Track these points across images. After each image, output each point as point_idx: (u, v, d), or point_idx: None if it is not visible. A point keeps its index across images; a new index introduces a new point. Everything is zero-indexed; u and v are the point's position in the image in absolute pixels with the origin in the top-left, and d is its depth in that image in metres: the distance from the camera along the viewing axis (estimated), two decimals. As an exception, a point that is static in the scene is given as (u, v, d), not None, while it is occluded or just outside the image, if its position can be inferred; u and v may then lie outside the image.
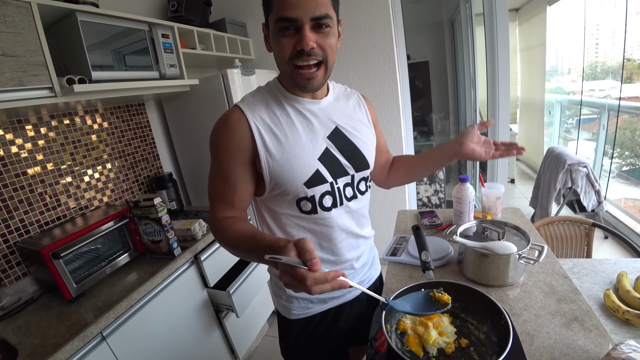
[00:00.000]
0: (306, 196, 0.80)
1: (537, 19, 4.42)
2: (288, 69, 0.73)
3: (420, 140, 4.06)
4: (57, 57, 1.24)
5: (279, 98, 0.81)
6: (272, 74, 2.26)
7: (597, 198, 2.61)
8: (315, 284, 0.52)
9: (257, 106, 0.79)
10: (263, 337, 2.15)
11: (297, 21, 0.67)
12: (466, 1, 3.09)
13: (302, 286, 0.53)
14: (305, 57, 0.70)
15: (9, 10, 1.09)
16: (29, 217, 1.42)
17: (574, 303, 0.83)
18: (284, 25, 0.68)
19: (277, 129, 0.78)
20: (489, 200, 1.27)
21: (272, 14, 0.70)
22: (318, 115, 0.82)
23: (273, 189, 0.80)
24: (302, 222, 0.84)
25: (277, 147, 0.77)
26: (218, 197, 0.81)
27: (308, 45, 0.68)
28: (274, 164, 0.77)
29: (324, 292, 0.54)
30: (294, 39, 0.69)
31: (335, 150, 0.83)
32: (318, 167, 0.80)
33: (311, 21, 0.67)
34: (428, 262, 0.84)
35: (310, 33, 0.68)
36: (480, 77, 3.04)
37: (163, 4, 2.12)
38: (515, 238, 0.97)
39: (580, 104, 3.91)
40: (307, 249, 0.54)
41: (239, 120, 0.76)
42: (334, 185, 0.83)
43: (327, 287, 0.54)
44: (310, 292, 0.52)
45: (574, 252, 1.53)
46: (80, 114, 1.66)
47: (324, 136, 0.82)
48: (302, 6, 0.65)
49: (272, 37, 0.73)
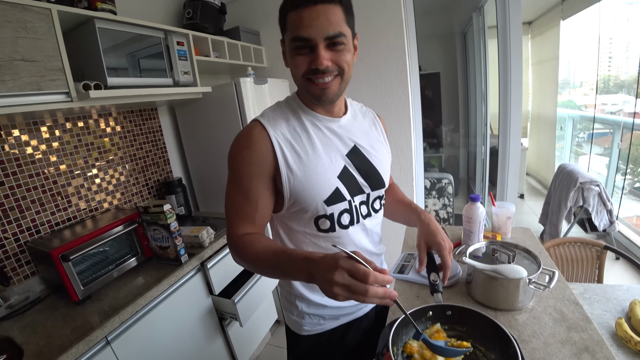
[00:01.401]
0: (325, 214, 0.80)
1: (550, 33, 4.39)
2: (303, 83, 0.75)
3: (429, 152, 4.05)
4: (74, 62, 1.26)
5: (299, 114, 0.82)
6: (284, 83, 2.27)
7: (609, 217, 2.56)
8: (375, 282, 0.53)
9: (277, 121, 0.79)
10: (265, 346, 2.14)
11: (311, 41, 0.68)
12: (479, 13, 3.09)
13: (359, 285, 0.53)
14: (320, 75, 0.71)
15: (30, 17, 1.11)
16: (40, 217, 1.44)
17: (584, 332, 0.81)
18: (299, 45, 0.70)
19: (298, 146, 0.78)
20: (499, 219, 1.25)
21: (287, 33, 0.72)
22: (337, 133, 0.83)
23: (292, 205, 0.80)
24: (319, 240, 0.84)
25: (298, 163, 0.77)
26: (238, 213, 0.79)
27: (322, 64, 0.70)
28: (294, 181, 0.77)
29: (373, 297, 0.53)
30: (309, 57, 0.71)
31: (353, 169, 0.83)
32: (338, 185, 0.80)
33: (325, 40, 0.69)
34: (437, 284, 0.83)
35: (324, 52, 0.69)
36: (491, 89, 3.03)
37: (179, 11, 2.16)
38: (525, 261, 0.95)
39: (594, 120, 3.86)
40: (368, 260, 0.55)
41: (261, 135, 0.76)
42: (352, 203, 0.83)
43: (381, 291, 0.54)
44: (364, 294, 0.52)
45: (585, 275, 1.50)
46: (95, 117, 1.68)
47: (343, 154, 0.82)
48: (315, 26, 0.67)
49: (289, 55, 0.74)
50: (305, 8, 0.67)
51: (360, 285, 0.52)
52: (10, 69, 1.06)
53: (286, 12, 0.71)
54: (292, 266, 0.63)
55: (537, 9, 4.32)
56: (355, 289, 0.53)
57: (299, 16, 0.67)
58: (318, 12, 0.67)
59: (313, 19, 0.67)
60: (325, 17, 0.67)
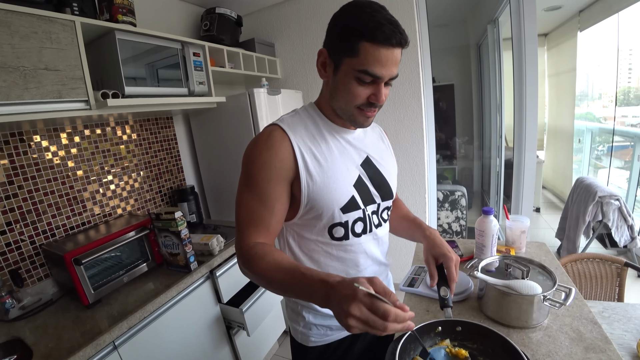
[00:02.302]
0: (340, 222, 0.81)
1: (567, 45, 4.33)
2: (351, 110, 0.76)
3: (442, 164, 4.00)
4: (94, 72, 1.31)
5: (318, 123, 0.82)
6: (298, 94, 2.30)
7: (630, 233, 2.47)
8: (395, 321, 0.51)
9: (297, 127, 0.80)
10: (272, 357, 2.12)
11: (379, 79, 0.70)
12: (494, 26, 3.07)
13: (378, 322, 0.51)
14: (373, 108, 0.76)
15: (55, 28, 1.16)
16: (56, 221, 1.48)
17: (603, 353, 0.77)
18: (365, 77, 0.70)
19: (317, 152, 0.78)
20: (513, 233, 1.22)
21: (354, 60, 0.69)
22: (352, 143, 0.85)
23: (307, 212, 0.79)
24: (331, 249, 0.84)
25: (318, 169, 0.77)
26: (252, 219, 0.75)
27: (383, 101, 0.73)
28: (313, 187, 0.77)
29: (391, 332, 0.52)
30: (369, 90, 0.72)
31: (367, 179, 0.85)
32: (353, 193, 0.81)
33: (388, 79, 0.71)
34: (447, 298, 0.81)
35: (383, 89, 0.72)
36: (506, 101, 2.99)
37: (196, 23, 2.22)
38: (540, 277, 0.92)
39: (613, 132, 3.76)
40: (388, 291, 0.53)
41: (282, 138, 0.76)
42: (365, 212, 0.84)
43: (399, 327, 0.52)
44: (383, 329, 0.51)
45: (604, 293, 1.44)
46: (112, 125, 1.73)
47: (357, 164, 0.84)
48: (388, 67, 0.69)
49: (345, 79, 0.72)
50: (385, 48, 0.67)
51: (379, 323, 0.51)
52: (34, 77, 1.11)
53: (360, 37, 0.67)
54: (307, 287, 0.61)
55: (554, 20, 4.27)
56: (373, 325, 0.51)
57: (377, 52, 0.67)
58: (393, 55, 0.68)
59: (389, 60, 0.68)
60: (396, 59, 0.70)
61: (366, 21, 0.66)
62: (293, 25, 2.45)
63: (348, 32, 0.69)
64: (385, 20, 0.66)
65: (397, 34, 0.66)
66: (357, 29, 0.67)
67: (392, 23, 0.67)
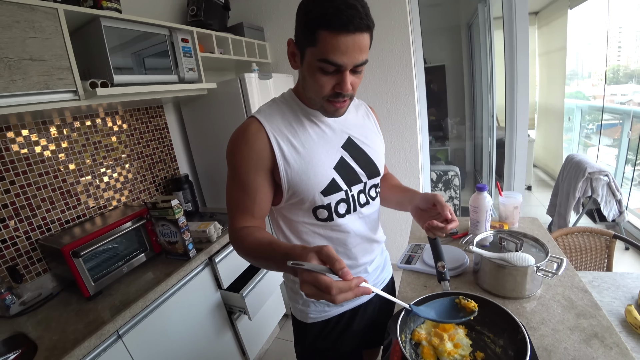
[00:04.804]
0: (322, 204, 0.83)
1: (558, 23, 4.32)
2: (320, 101, 0.76)
3: (435, 145, 4.02)
4: (81, 61, 1.27)
5: (296, 110, 0.83)
6: (289, 77, 2.27)
7: (618, 208, 2.53)
8: (340, 293, 0.52)
9: (274, 117, 0.81)
10: (274, 340, 2.16)
11: (342, 67, 0.68)
12: (484, 4, 3.04)
13: (326, 295, 0.53)
14: (342, 99, 0.74)
15: (38, 16, 1.13)
16: (51, 215, 1.47)
17: (593, 318, 0.81)
18: (326, 66, 0.69)
19: (294, 140, 0.80)
20: (506, 209, 1.25)
21: (315, 50, 0.68)
22: (332, 126, 0.85)
23: (291, 197, 0.82)
24: (318, 229, 0.86)
25: (295, 157, 0.79)
26: (237, 207, 0.82)
27: (348, 90, 0.72)
28: (292, 174, 0.79)
29: (347, 300, 0.54)
30: (334, 79, 0.71)
31: (350, 159, 0.86)
32: (334, 175, 0.82)
33: (352, 66, 0.69)
34: (444, 272, 0.83)
35: (349, 77, 0.70)
36: (498, 81, 2.99)
37: (182, 8, 2.16)
38: (533, 250, 0.95)
39: (602, 110, 3.80)
40: (335, 258, 0.54)
41: (258, 131, 0.78)
42: (349, 193, 0.85)
43: (350, 295, 0.54)
44: (334, 302, 0.53)
45: (594, 264, 1.49)
46: (102, 115, 1.70)
47: (339, 146, 0.85)
48: (350, 55, 0.67)
49: (309, 69, 0.72)
50: (344, 35, 0.64)
51: (327, 296, 0.53)
52: (19, 68, 1.08)
53: (317, 26, 0.65)
54: (278, 260, 0.64)
55: (544, -2, 4.26)
56: (323, 298, 0.54)
57: (335, 40, 0.65)
58: (354, 41, 0.66)
59: (349, 47, 0.66)
60: (359, 45, 0.67)
61: (325, 8, 0.64)
62: (282, 8, 2.40)
63: (308, 20, 0.67)
64: (344, 5, 0.63)
65: (356, 18, 0.63)
66: (316, 16, 0.65)
67: (352, 7, 0.63)
